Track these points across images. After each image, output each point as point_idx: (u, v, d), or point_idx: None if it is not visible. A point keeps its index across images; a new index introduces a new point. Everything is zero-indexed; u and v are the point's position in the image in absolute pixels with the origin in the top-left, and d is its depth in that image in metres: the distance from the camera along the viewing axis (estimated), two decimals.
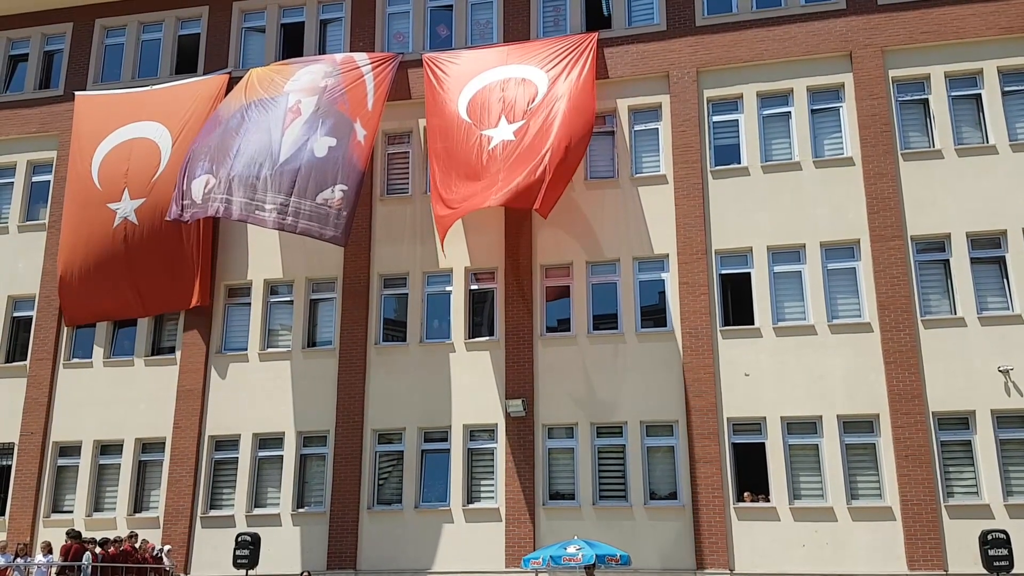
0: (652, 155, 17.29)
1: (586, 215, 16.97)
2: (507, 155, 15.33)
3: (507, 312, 16.71)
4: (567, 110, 15.60)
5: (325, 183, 15.80)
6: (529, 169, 14.85)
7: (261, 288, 18.04)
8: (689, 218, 16.49)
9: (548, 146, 15.00)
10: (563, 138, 15.16)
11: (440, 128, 16.39)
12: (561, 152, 15.09)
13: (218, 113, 17.34)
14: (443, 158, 15.93)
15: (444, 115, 16.48)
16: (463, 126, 16.26)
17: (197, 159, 16.53)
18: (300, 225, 15.65)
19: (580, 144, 15.44)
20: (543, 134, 15.31)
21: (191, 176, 16.37)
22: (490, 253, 17.16)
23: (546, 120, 15.55)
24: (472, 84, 16.78)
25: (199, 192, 16.13)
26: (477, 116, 16.30)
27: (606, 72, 17.55)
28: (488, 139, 15.82)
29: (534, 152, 15.09)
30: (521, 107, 16.07)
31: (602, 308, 16.66)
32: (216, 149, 16.52)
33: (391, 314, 17.49)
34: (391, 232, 17.75)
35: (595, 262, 16.84)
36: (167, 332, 18.42)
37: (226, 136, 16.64)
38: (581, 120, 15.51)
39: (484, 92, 16.55)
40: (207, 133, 16.95)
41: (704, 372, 15.72)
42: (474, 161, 15.59)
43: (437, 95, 16.90)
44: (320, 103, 16.70)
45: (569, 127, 15.33)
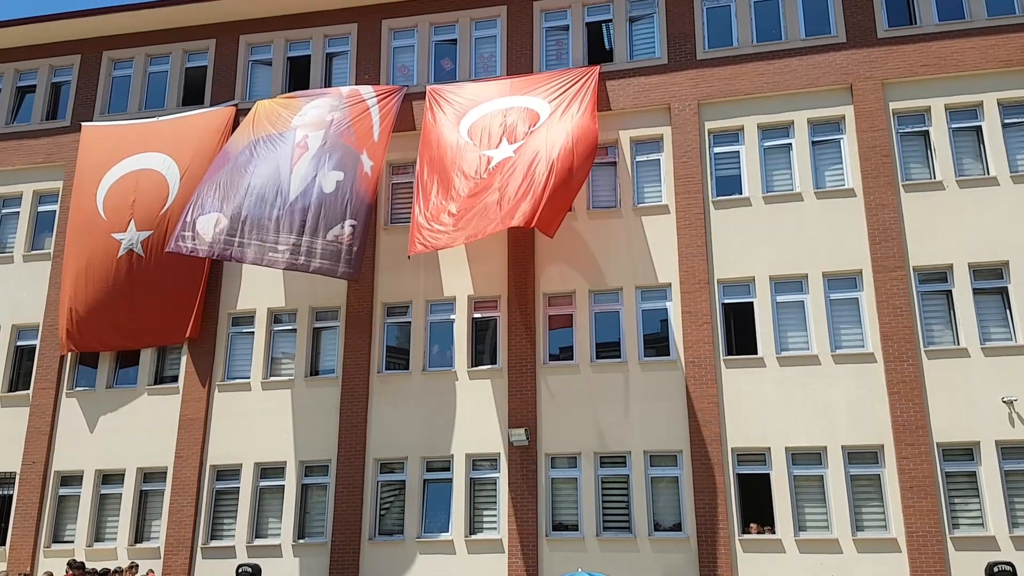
0: (654, 185, 17.48)
1: (589, 244, 17.16)
2: (507, 171, 15.43)
3: (510, 340, 16.79)
4: (570, 131, 15.75)
5: (335, 219, 16.03)
6: (530, 188, 14.87)
7: (264, 317, 18.20)
8: (691, 247, 16.66)
9: (550, 164, 15.06)
10: (565, 158, 15.25)
11: (434, 158, 16.50)
12: (564, 172, 15.11)
13: (226, 149, 17.50)
14: (433, 185, 16.04)
15: (440, 144, 16.61)
16: (464, 146, 16.41)
17: (206, 195, 16.66)
18: (313, 264, 15.83)
19: (583, 165, 15.43)
20: (545, 152, 15.44)
21: (198, 211, 16.48)
22: (493, 281, 17.28)
23: (547, 141, 15.71)
24: (473, 112, 17.06)
25: (208, 230, 16.25)
26: (478, 138, 16.49)
27: (608, 104, 17.85)
28: (489, 159, 15.97)
29: (533, 167, 15.16)
30: (522, 130, 16.29)
31: (605, 337, 16.75)
32: (225, 186, 16.68)
33: (394, 342, 17.58)
34: (394, 261, 17.92)
35: (598, 291, 16.97)
36: (170, 361, 18.52)
37: (235, 173, 16.81)
38: (584, 142, 15.63)
39: (486, 119, 16.82)
40: (216, 169, 17.11)
41: (708, 402, 15.79)
42: (474, 176, 15.68)
43: (433, 126, 17.09)
44: (327, 137, 16.95)
45: (571, 148, 15.45)
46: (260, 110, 18.34)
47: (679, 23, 18.03)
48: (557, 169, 15.13)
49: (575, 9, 18.74)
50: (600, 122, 17.45)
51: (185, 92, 20.37)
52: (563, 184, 15.18)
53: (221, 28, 20.24)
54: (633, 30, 18.36)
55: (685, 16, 18.06)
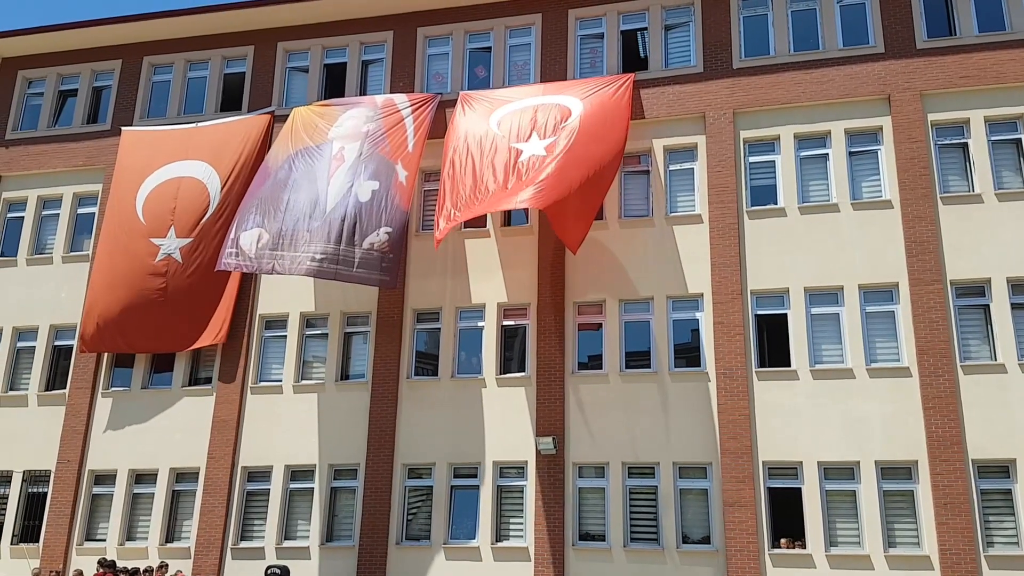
0: (687, 195, 17.50)
1: (620, 253, 17.23)
2: (539, 169, 15.40)
3: (539, 348, 16.87)
4: (601, 135, 15.76)
5: (371, 228, 16.21)
6: (558, 184, 14.76)
7: (297, 321, 18.46)
8: (724, 258, 16.67)
9: (581, 167, 15.10)
10: (594, 156, 15.28)
11: (459, 149, 16.53)
12: (593, 170, 15.12)
13: (267, 164, 17.79)
14: (461, 174, 16.09)
15: (468, 135, 16.64)
16: (493, 137, 16.46)
17: (248, 211, 16.95)
18: (347, 274, 16.02)
19: (612, 164, 15.45)
20: (576, 149, 15.41)
21: (241, 227, 16.75)
22: (523, 289, 17.38)
23: (578, 136, 15.68)
24: (504, 108, 17.21)
25: (251, 246, 16.48)
26: (507, 129, 16.55)
27: (642, 112, 17.97)
28: (519, 151, 16.03)
29: (566, 166, 15.09)
30: (552, 125, 16.31)
31: (635, 346, 16.77)
32: (266, 201, 16.94)
33: (423, 348, 17.74)
34: (425, 268, 18.09)
35: (628, 300, 17.00)
36: (204, 363, 18.77)
37: (275, 188, 17.07)
38: (614, 137, 15.67)
39: (515, 114, 16.93)
40: (258, 185, 17.39)
41: (739, 414, 15.76)
42: (506, 168, 15.75)
43: (462, 119, 17.19)
44: (363, 148, 17.18)
45: (601, 145, 15.51)
46: (297, 118, 18.65)
47: (715, 31, 18.03)
48: (583, 177, 15.14)
49: (610, 17, 18.81)
50: (633, 130, 17.63)
51: (223, 98, 20.73)
52: (589, 192, 15.26)
53: (259, 35, 20.57)
54: (669, 38, 18.41)
55: (721, 25, 18.08)
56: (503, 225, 18.24)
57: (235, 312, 18.54)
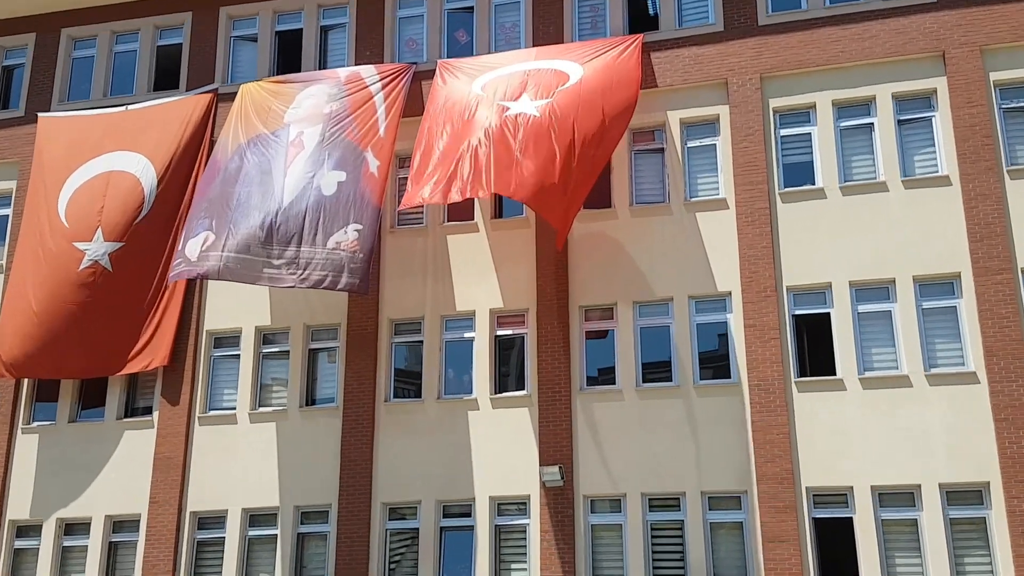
0: (709, 176, 17.45)
1: (632, 247, 17.17)
2: (531, 130, 15.40)
3: (540, 362, 16.88)
4: (601, 95, 15.74)
5: (336, 224, 16.25)
6: (549, 161, 14.95)
7: (252, 337, 18.36)
8: (755, 249, 16.67)
9: (580, 139, 15.19)
10: (593, 136, 15.32)
11: (438, 111, 16.63)
12: (588, 157, 15.22)
13: (215, 158, 17.88)
14: (436, 136, 16.20)
15: (448, 99, 16.72)
16: (476, 99, 16.39)
17: (196, 216, 17.10)
18: (313, 277, 15.99)
19: (612, 137, 15.56)
20: (570, 117, 15.43)
21: (189, 234, 16.91)
22: (519, 292, 17.36)
23: (574, 102, 15.70)
24: (490, 74, 17.11)
25: (195, 251, 16.66)
26: (492, 90, 16.48)
27: (654, 80, 17.86)
28: (505, 108, 15.97)
29: (561, 135, 15.14)
30: (547, 88, 16.22)
31: (653, 356, 16.81)
32: (215, 201, 17.07)
33: (403, 365, 17.78)
34: (403, 270, 18.03)
35: (644, 302, 16.99)
36: (143, 390, 18.65)
37: (225, 184, 17.23)
38: (619, 105, 15.73)
39: (504, 78, 16.83)
40: (206, 183, 17.50)
41: (777, 433, 15.73)
42: (486, 123, 15.73)
43: (441, 87, 17.21)
44: (325, 133, 17.29)
45: (601, 125, 15.54)
46: (247, 98, 18.62)
47: None
48: (580, 147, 15.20)
49: None
50: (644, 102, 17.38)
51: (157, 75, 20.50)
52: (585, 169, 15.31)
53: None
54: None
55: None
56: (494, 217, 18.18)
57: (178, 328, 18.41)
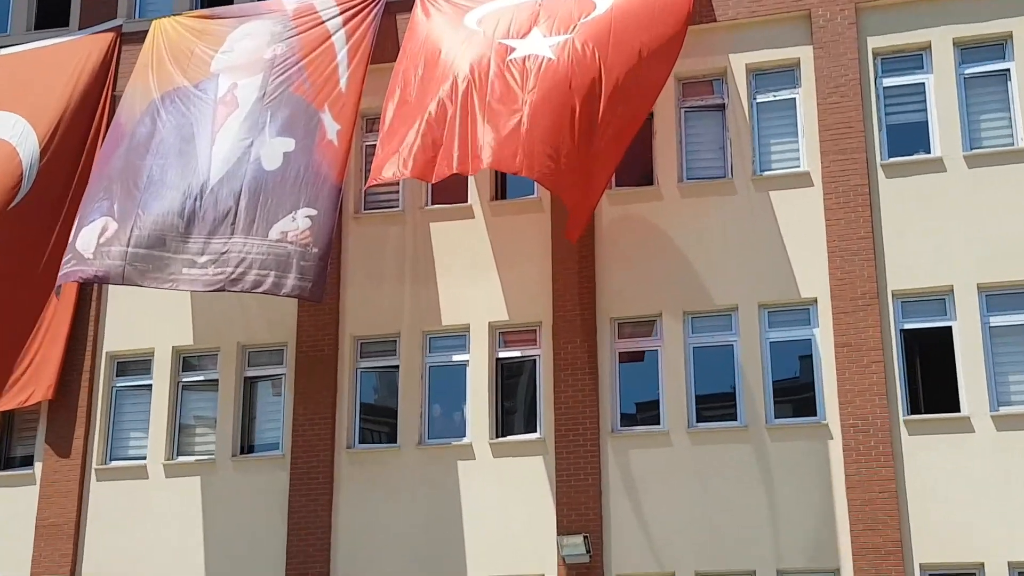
0: (787, 141, 17.24)
1: (682, 238, 16.87)
2: (543, 78, 15.55)
3: (557, 393, 16.65)
4: (640, 23, 15.95)
5: (282, 208, 16.24)
6: (566, 124, 15.19)
7: (167, 361, 18.13)
8: (849, 240, 16.37)
9: (599, 86, 15.42)
10: (625, 77, 15.48)
11: (416, 53, 17.04)
12: (625, 99, 15.43)
13: (119, 120, 17.87)
14: (414, 86, 16.61)
15: (429, 38, 17.13)
16: (468, 37, 16.71)
17: (93, 198, 17.13)
18: (249, 278, 16.00)
19: (650, 90, 15.82)
20: (595, 60, 15.58)
21: (82, 222, 16.92)
22: (529, 299, 17.13)
23: (604, 37, 15.85)
24: (489, 5, 17.26)
25: (90, 242, 16.57)
26: (493, 26, 16.71)
27: (711, 11, 17.48)
28: (508, 49, 16.13)
29: (582, 83, 15.39)
30: (566, 20, 16.33)
31: (710, 386, 16.68)
32: (118, 177, 17.12)
33: (372, 399, 17.79)
34: (372, 269, 17.81)
35: (698, 312, 16.73)
36: (21, 433, 18.70)
37: (131, 155, 17.26)
38: (660, 35, 15.95)
39: (509, 9, 16.97)
40: (107, 156, 17.53)
41: (879, 490, 15.45)
42: (479, 66, 16.04)
43: (423, 22, 17.47)
44: (266, 86, 17.35)
45: (639, 55, 15.67)
46: (161, 39, 18.41)
47: None
48: (608, 101, 15.39)
49: None
50: (698, 41, 17.14)
51: (40, 9, 20.71)
52: (615, 132, 15.47)
53: None
54: None
55: None
56: (495, 198, 17.90)
57: (67, 350, 18.22)
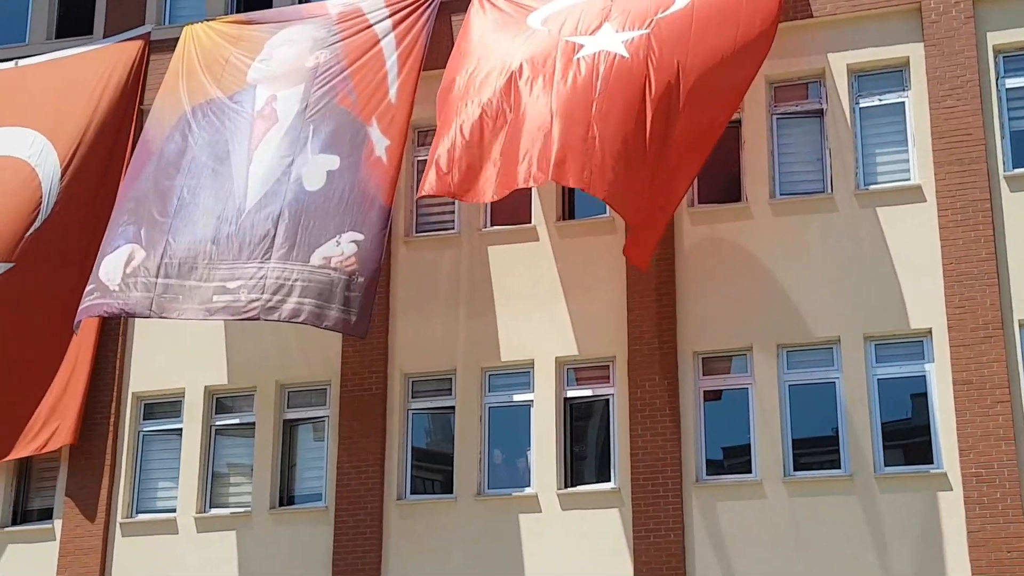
0: (895, 151, 16.77)
1: (775, 261, 16.38)
2: (614, 77, 15.32)
3: (634, 438, 16.14)
4: (723, 19, 15.72)
5: (326, 233, 15.98)
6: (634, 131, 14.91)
7: (199, 402, 17.83)
8: (968, 263, 15.79)
9: (675, 89, 15.17)
10: (706, 78, 15.27)
11: (469, 54, 16.78)
12: (705, 104, 15.22)
13: (146, 136, 17.77)
14: (469, 90, 16.28)
15: (484, 39, 16.90)
16: (531, 36, 16.51)
17: (118, 222, 17.00)
18: (288, 307, 15.68)
19: (732, 95, 15.64)
20: (673, 59, 15.32)
21: (106, 249, 16.74)
22: (601, 333, 16.67)
23: (685, 35, 15.61)
24: (553, 5, 17.01)
25: (115, 272, 16.37)
26: (559, 24, 16.51)
27: (808, 9, 16.93)
28: (575, 47, 15.85)
29: (659, 85, 15.17)
30: (642, 14, 16.07)
31: (810, 429, 16.18)
32: (146, 200, 17.00)
33: (424, 443, 17.63)
34: (424, 299, 17.42)
35: (795, 346, 16.18)
36: (39, 483, 18.58)
37: (160, 175, 17.11)
38: (747, 32, 15.61)
39: (577, 6, 16.77)
40: (133, 177, 17.40)
41: (1008, 548, 14.66)
42: (541, 66, 15.82)
43: (479, 20, 17.27)
44: (308, 97, 17.22)
45: (720, 55, 15.44)
46: (193, 45, 18.22)
47: None
48: (687, 106, 15.11)
49: None
50: (792, 38, 16.71)
51: (60, 16, 20.53)
52: (692, 141, 15.26)
53: None
54: None
55: None
56: (562, 217, 17.46)
57: (90, 391, 17.93)
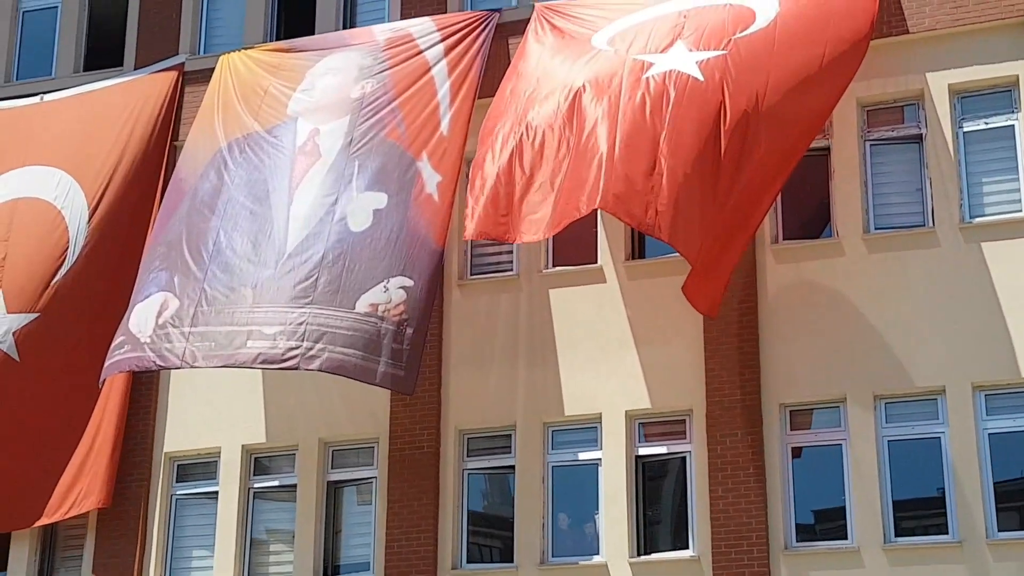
0: (1002, 179, 16.10)
1: (870, 303, 15.64)
2: (686, 101, 15.03)
3: (714, 500, 15.49)
4: (809, 35, 15.31)
5: (372, 276, 15.69)
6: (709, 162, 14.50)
7: (236, 462, 17.43)
8: None
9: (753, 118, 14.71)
10: (788, 102, 14.91)
11: (522, 78, 16.51)
12: (784, 133, 14.82)
13: (179, 175, 17.72)
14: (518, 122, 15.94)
15: (541, 63, 16.66)
16: (595, 56, 16.25)
17: (149, 268, 16.86)
18: (330, 358, 15.24)
19: (812, 119, 15.18)
20: (752, 84, 14.96)
21: (137, 298, 16.53)
22: (676, 384, 16.05)
23: (766, 57, 15.29)
24: (619, 23, 16.71)
25: (146, 323, 16.11)
26: (627, 43, 16.22)
27: (903, 24, 16.24)
28: (644, 65, 15.54)
29: (735, 113, 14.78)
30: (718, 33, 15.79)
31: (911, 489, 15.45)
32: (179, 242, 16.87)
33: (481, 507, 17.16)
34: (480, 348, 16.91)
35: (894, 397, 15.40)
36: (67, 548, 18.16)
37: (195, 216, 17.02)
38: (836, 50, 15.14)
39: (647, 23, 16.46)
40: (164, 218, 17.35)
41: None
42: (607, 85, 15.51)
43: (532, 55, 16.93)
44: (354, 131, 17.07)
45: (797, 80, 15.01)
46: (230, 75, 18.04)
47: None
48: (769, 137, 14.66)
49: None
50: (886, 57, 16.08)
51: (90, 47, 20.30)
52: (769, 172, 14.74)
53: None
54: None
55: None
56: (631, 257, 16.92)
57: (119, 451, 17.57)
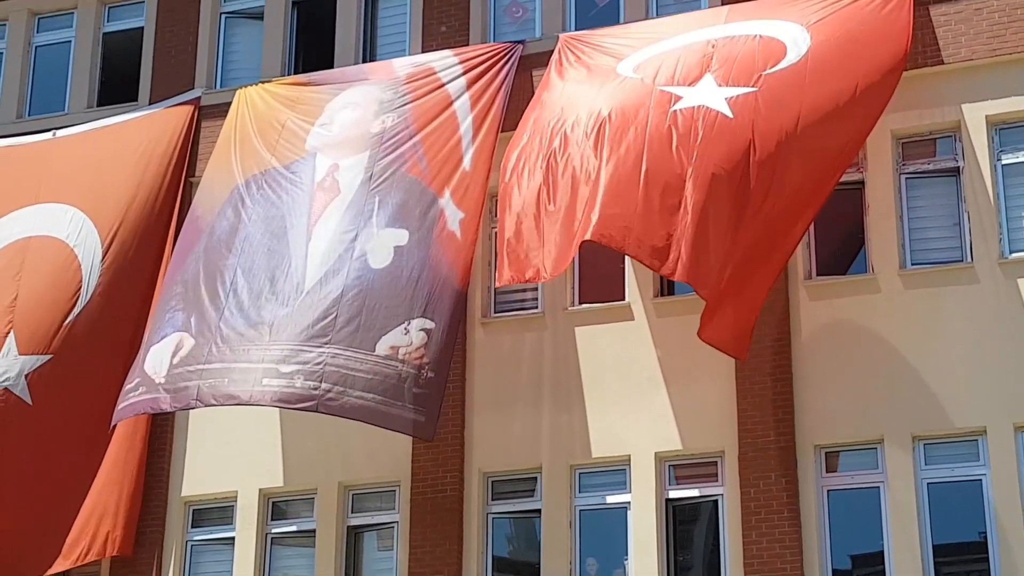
0: None
1: (907, 341, 15.38)
2: (714, 137, 14.96)
3: (747, 545, 15.14)
4: (842, 68, 15.26)
5: (393, 317, 15.60)
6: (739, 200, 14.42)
7: (254, 507, 17.16)
8: None
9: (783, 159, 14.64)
10: (812, 144, 14.82)
11: (546, 108, 16.41)
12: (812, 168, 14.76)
13: (195, 212, 17.76)
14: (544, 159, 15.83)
15: (565, 94, 16.56)
16: (621, 84, 16.22)
17: (164, 308, 16.81)
18: (348, 401, 15.20)
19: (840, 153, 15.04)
20: (782, 124, 14.85)
21: (151, 339, 16.51)
22: (707, 425, 15.84)
23: (797, 93, 15.23)
24: (645, 51, 16.67)
25: (161, 365, 16.08)
26: (653, 72, 16.14)
27: (938, 55, 16.05)
28: (674, 97, 15.51)
29: (763, 154, 14.71)
30: (747, 68, 15.67)
31: (952, 532, 15.15)
32: (195, 282, 16.85)
33: (505, 552, 16.88)
34: (504, 389, 16.71)
35: (931, 437, 15.09)
36: None
37: (211, 255, 17.02)
38: (867, 84, 15.08)
39: (674, 52, 16.43)
40: (181, 254, 17.36)
41: None
42: (634, 116, 15.45)
43: (555, 88, 16.84)
44: (374, 166, 17.12)
45: (824, 113, 14.95)
46: (247, 110, 18.11)
47: None
48: (798, 179, 14.59)
49: None
50: (921, 88, 15.92)
51: (104, 79, 20.17)
52: (795, 213, 14.67)
53: None
54: None
55: None
56: (659, 294, 16.75)
57: (133, 496, 17.36)
